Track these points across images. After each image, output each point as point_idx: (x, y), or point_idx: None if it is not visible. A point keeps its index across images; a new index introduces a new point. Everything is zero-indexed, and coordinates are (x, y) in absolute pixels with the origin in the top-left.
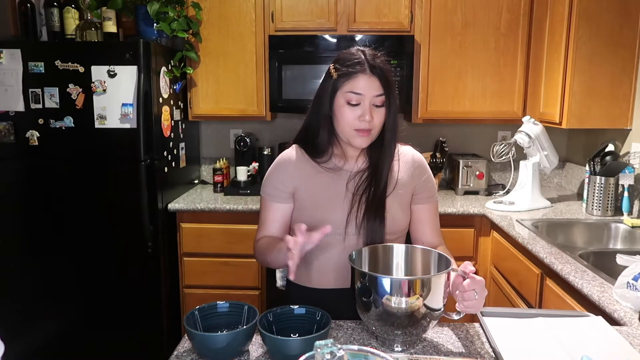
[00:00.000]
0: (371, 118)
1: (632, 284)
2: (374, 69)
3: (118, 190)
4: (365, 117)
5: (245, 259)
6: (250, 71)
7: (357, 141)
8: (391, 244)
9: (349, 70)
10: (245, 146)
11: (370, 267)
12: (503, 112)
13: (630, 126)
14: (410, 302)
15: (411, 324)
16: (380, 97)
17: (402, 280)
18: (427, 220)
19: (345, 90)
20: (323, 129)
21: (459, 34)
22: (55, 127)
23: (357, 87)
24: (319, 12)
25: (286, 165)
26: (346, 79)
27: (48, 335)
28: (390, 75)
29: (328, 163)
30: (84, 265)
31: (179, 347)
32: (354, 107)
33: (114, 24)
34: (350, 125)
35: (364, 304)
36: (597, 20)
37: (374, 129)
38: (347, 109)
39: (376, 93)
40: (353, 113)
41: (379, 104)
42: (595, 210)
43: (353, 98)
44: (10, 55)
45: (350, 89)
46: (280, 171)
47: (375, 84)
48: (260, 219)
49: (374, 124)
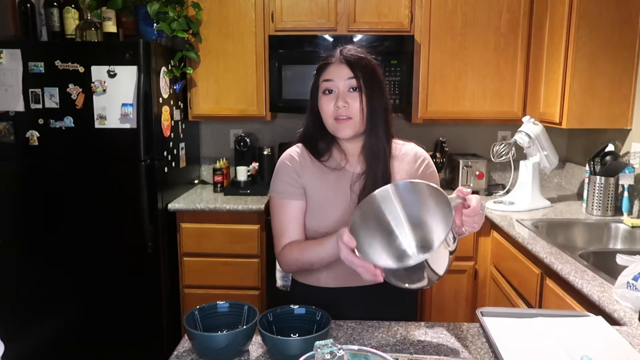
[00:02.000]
0: (345, 103)
1: (632, 284)
2: (344, 58)
3: (118, 190)
4: (339, 102)
5: (245, 259)
6: (250, 71)
7: (340, 132)
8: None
9: (323, 63)
10: (245, 146)
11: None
12: (503, 112)
13: (630, 126)
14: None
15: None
16: (351, 81)
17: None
18: None
19: (321, 80)
20: (319, 130)
21: (459, 34)
22: (55, 127)
23: (328, 74)
24: (319, 12)
25: (293, 162)
26: (322, 71)
27: (48, 335)
28: (365, 62)
29: (330, 162)
30: (84, 265)
31: (179, 347)
32: (329, 96)
33: (114, 24)
34: (330, 116)
35: None
36: (597, 20)
37: (353, 116)
38: (324, 100)
39: (346, 77)
40: (329, 103)
41: (352, 89)
42: (595, 210)
43: (326, 85)
44: (10, 55)
45: (324, 77)
46: (288, 168)
47: (344, 69)
48: (276, 226)
49: (351, 110)
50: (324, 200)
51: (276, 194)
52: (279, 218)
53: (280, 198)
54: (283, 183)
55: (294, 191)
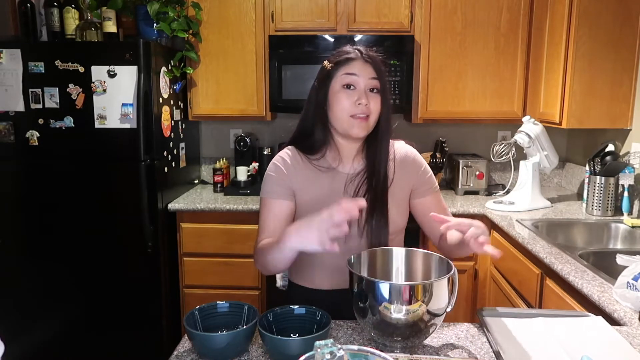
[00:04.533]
0: (367, 102)
1: (632, 284)
2: (367, 57)
3: (118, 190)
4: (362, 99)
5: (245, 259)
6: (250, 71)
7: (355, 130)
8: (390, 247)
9: (344, 57)
10: (245, 146)
11: (369, 272)
12: (503, 112)
13: (630, 126)
14: (411, 310)
15: (413, 333)
16: (375, 81)
17: (403, 286)
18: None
19: (340, 74)
20: (317, 125)
21: (459, 34)
22: (55, 127)
23: (352, 69)
24: (319, 12)
25: (285, 165)
26: (342, 65)
27: (48, 335)
28: (383, 66)
29: (322, 162)
30: (83, 265)
31: (179, 347)
32: (350, 91)
33: (114, 24)
34: (347, 111)
35: (361, 310)
36: (597, 20)
37: (371, 115)
38: (343, 94)
39: (370, 76)
40: (349, 98)
41: (374, 90)
42: (595, 210)
43: (348, 79)
44: (10, 55)
45: (346, 71)
46: (278, 171)
47: (369, 68)
48: (260, 223)
49: (371, 108)
50: (316, 202)
51: (263, 194)
52: (262, 216)
53: (267, 197)
54: (271, 183)
55: (280, 191)
